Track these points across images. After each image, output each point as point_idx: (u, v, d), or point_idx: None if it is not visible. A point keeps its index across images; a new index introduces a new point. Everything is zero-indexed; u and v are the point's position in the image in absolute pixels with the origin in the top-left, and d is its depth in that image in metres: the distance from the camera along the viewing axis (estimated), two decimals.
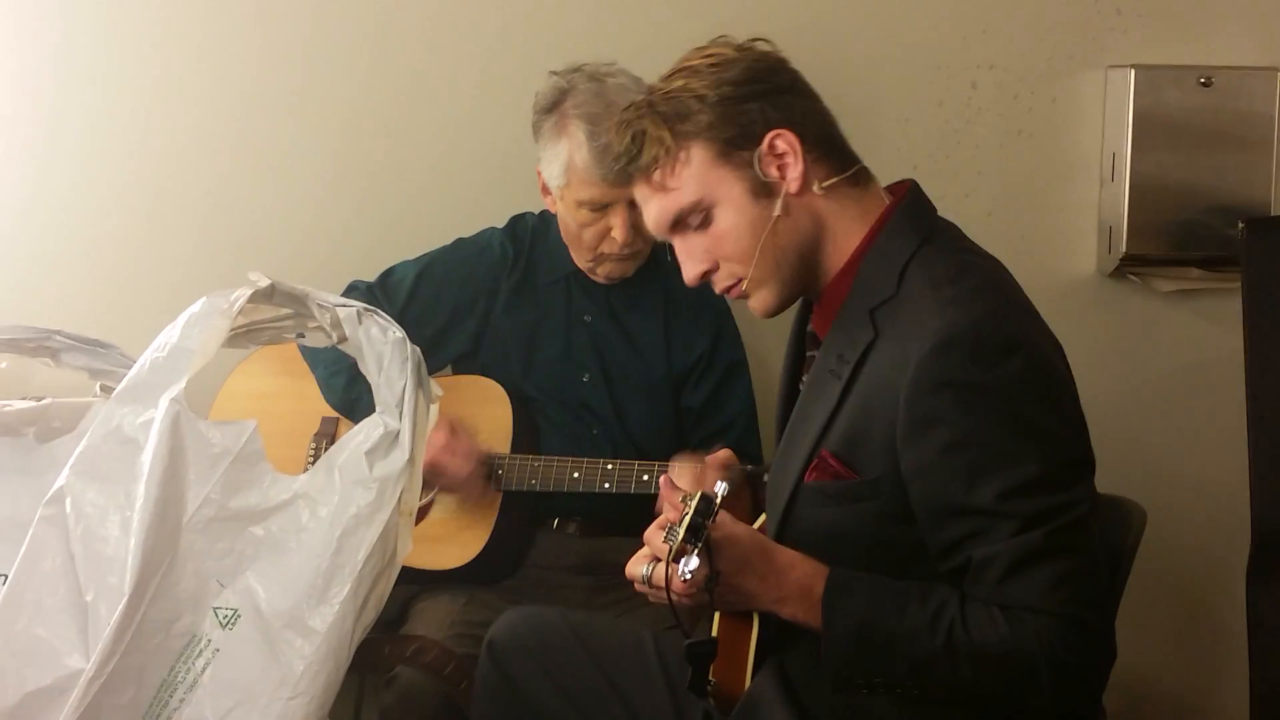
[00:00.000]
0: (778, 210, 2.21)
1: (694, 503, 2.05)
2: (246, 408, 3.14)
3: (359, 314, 2.60)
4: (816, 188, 2.22)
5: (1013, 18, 3.46)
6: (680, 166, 2.22)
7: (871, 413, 2.14)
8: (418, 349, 2.59)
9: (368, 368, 2.59)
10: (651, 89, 2.26)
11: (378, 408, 2.56)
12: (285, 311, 2.70)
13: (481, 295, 3.18)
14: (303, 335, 2.74)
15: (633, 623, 2.77)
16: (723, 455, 2.88)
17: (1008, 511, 2.05)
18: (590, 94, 3.01)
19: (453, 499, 3.10)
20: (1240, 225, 2.98)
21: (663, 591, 2.11)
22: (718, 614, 2.25)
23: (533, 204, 3.19)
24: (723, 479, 2.16)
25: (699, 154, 2.21)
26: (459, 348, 3.19)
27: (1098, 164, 3.47)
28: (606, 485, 3.00)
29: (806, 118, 2.23)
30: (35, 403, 2.77)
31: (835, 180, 2.23)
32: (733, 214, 2.22)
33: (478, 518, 3.09)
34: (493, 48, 3.42)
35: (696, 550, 2.03)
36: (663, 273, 3.15)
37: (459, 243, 3.25)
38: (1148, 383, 3.53)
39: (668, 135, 2.21)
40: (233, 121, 3.43)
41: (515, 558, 3.14)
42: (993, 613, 2.06)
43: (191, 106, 3.42)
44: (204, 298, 2.56)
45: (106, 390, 2.74)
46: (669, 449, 3.09)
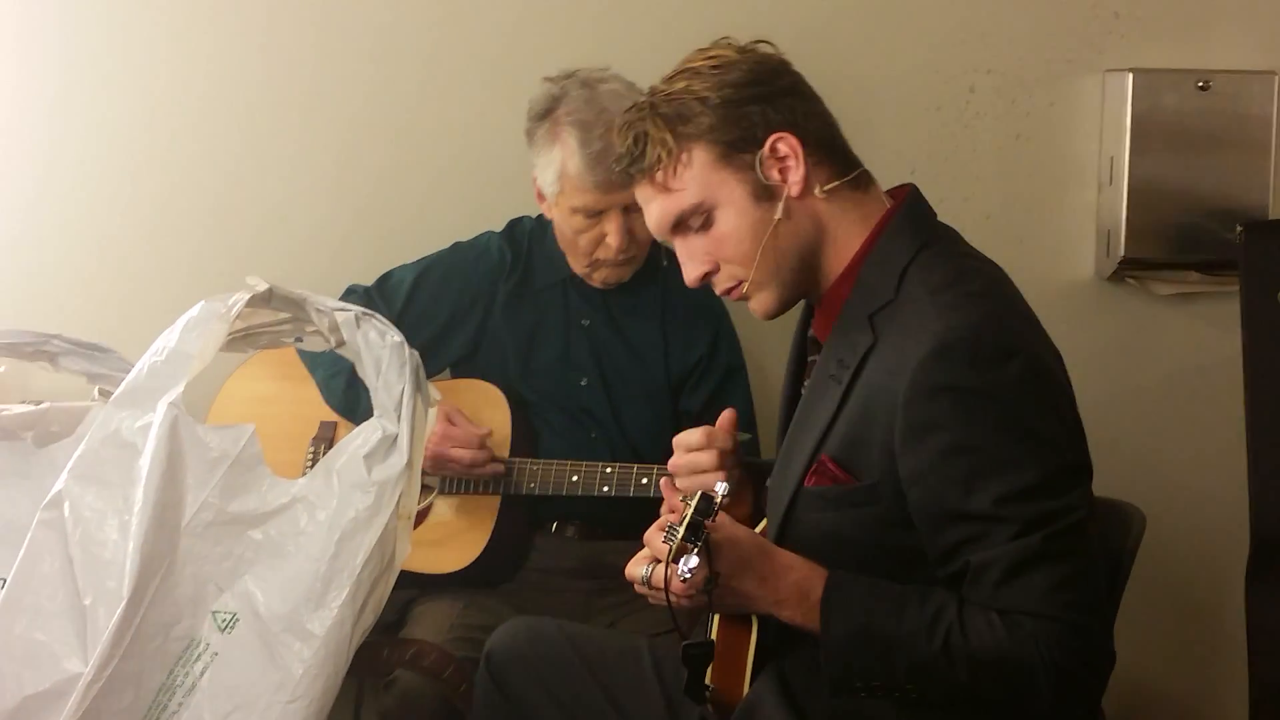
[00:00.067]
0: (779, 213, 2.21)
1: (694, 502, 2.05)
2: (244, 412, 3.14)
3: (357, 318, 2.60)
4: (818, 191, 2.22)
5: (1010, 22, 3.46)
6: (682, 168, 2.22)
7: (870, 417, 2.13)
8: (416, 353, 2.59)
9: (366, 372, 2.60)
10: (654, 90, 2.26)
11: (376, 411, 2.56)
12: (283, 315, 2.70)
13: (479, 299, 3.18)
14: (301, 339, 2.75)
15: (630, 632, 2.77)
16: (725, 416, 2.88)
17: (1005, 516, 2.05)
18: (582, 101, 3.02)
19: (452, 502, 3.10)
20: (1239, 229, 2.98)
21: (662, 593, 2.10)
22: (717, 618, 2.24)
23: (531, 207, 3.19)
24: (724, 479, 2.16)
25: (701, 156, 2.21)
26: (457, 351, 3.19)
27: (1096, 168, 3.47)
28: (605, 488, 3.01)
29: (808, 120, 2.23)
30: (34, 407, 2.78)
31: (836, 184, 2.23)
32: (734, 216, 2.22)
33: (477, 521, 3.09)
34: (491, 52, 3.42)
35: (696, 549, 2.03)
36: (661, 277, 3.15)
37: (457, 246, 3.25)
38: (1146, 386, 3.53)
39: (669, 137, 2.21)
40: (230, 126, 3.43)
41: (514, 561, 3.14)
42: (991, 617, 2.06)
43: (189, 111, 3.42)
44: (202, 302, 2.57)
45: (105, 394, 2.74)
46: (667, 452, 3.08)
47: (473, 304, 3.18)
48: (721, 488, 2.08)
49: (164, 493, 2.43)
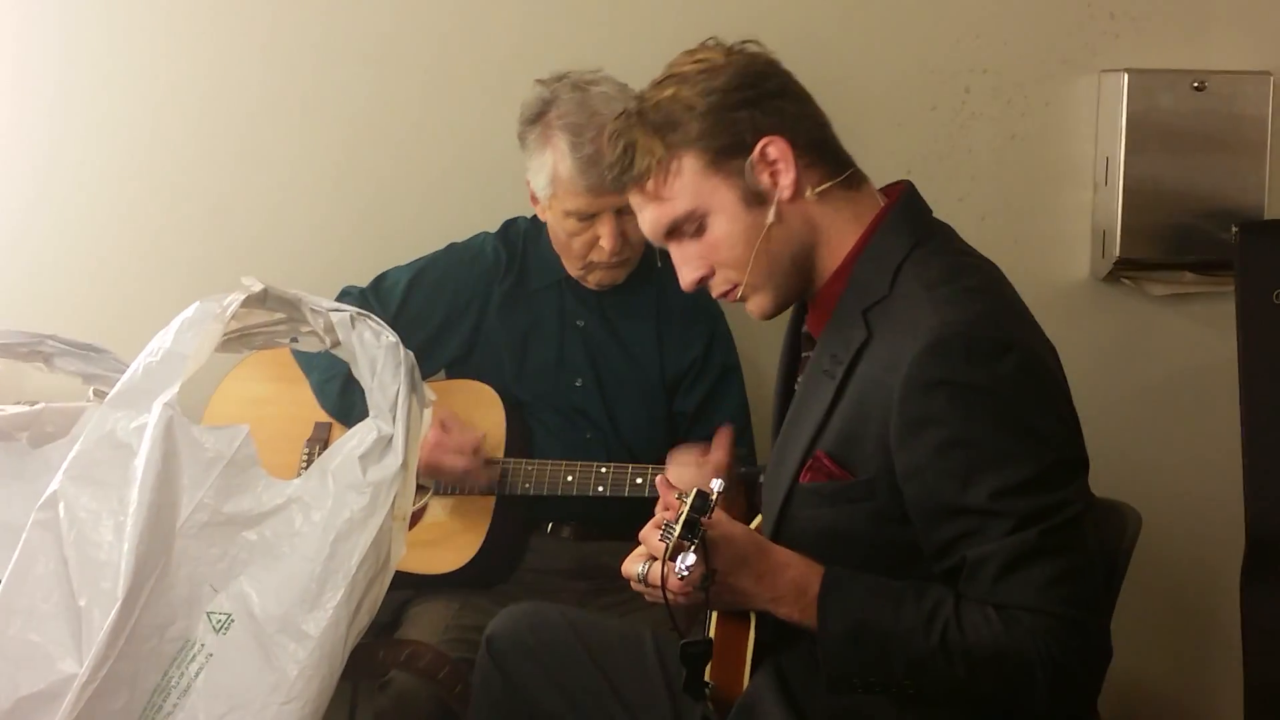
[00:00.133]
0: (770, 218, 2.21)
1: (690, 499, 2.04)
2: (240, 413, 3.13)
3: (352, 319, 2.60)
4: (809, 193, 2.22)
5: (1006, 22, 3.46)
6: (672, 177, 2.22)
7: (865, 413, 2.14)
8: (411, 354, 2.59)
9: (361, 372, 2.59)
10: (642, 97, 2.26)
11: (371, 412, 2.56)
12: (278, 316, 2.70)
13: (474, 300, 3.18)
14: (296, 340, 2.74)
15: (632, 621, 2.77)
16: (723, 434, 2.88)
17: (1002, 511, 2.05)
18: (574, 104, 3.01)
19: (447, 503, 3.10)
20: (1234, 229, 2.98)
21: (659, 590, 2.10)
22: (715, 615, 2.24)
23: (526, 208, 3.18)
24: (720, 476, 2.16)
25: (690, 164, 2.21)
26: (452, 352, 3.19)
27: (1091, 168, 3.47)
28: (600, 489, 3.00)
29: (798, 122, 2.23)
30: (28, 407, 2.77)
31: (828, 185, 2.23)
32: (726, 222, 2.22)
33: (472, 522, 3.08)
34: (487, 53, 3.42)
35: (693, 547, 2.03)
36: (655, 278, 3.15)
37: (452, 248, 3.24)
38: (1142, 386, 3.53)
39: (658, 145, 2.21)
40: (225, 128, 3.43)
41: (510, 562, 3.14)
42: (987, 612, 2.06)
43: (186, 113, 3.42)
44: (197, 302, 2.56)
45: (100, 395, 2.74)
46: (662, 453, 3.09)
47: (468, 305, 3.18)
48: (717, 485, 2.08)
49: (159, 493, 2.42)
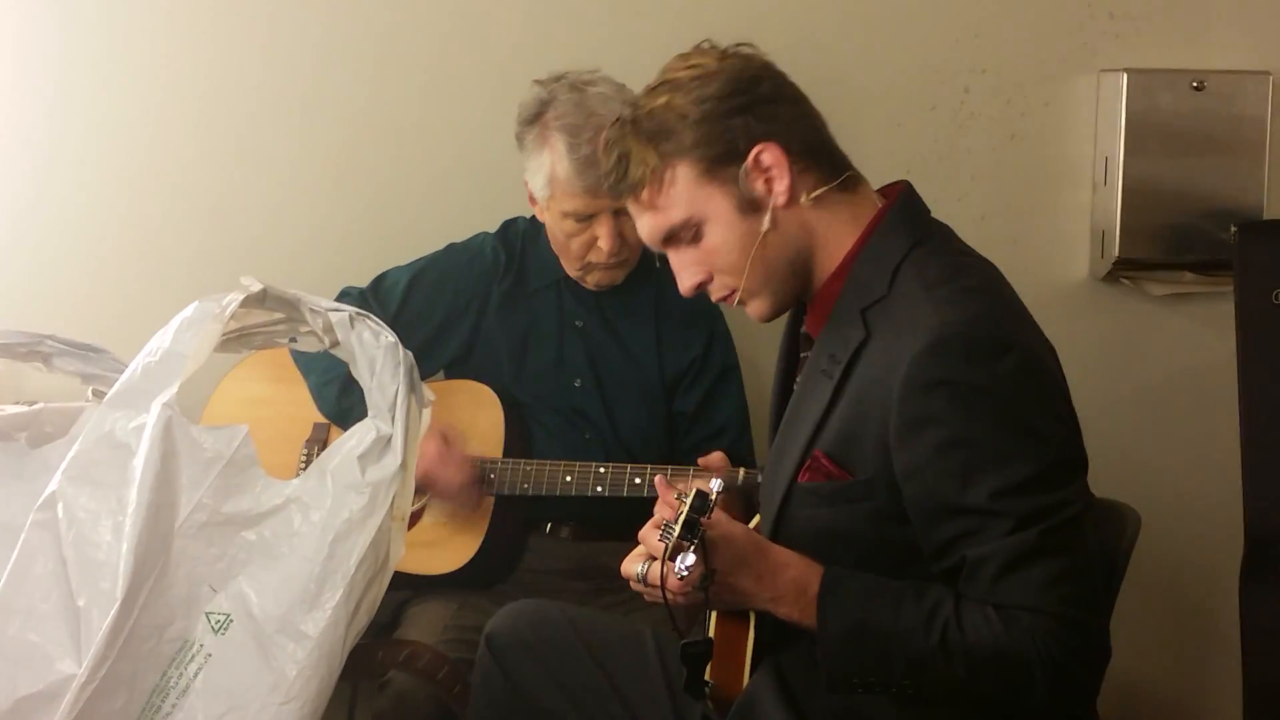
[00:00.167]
0: (766, 224, 2.21)
1: (690, 499, 2.04)
2: (238, 414, 3.13)
3: (351, 318, 2.60)
4: (805, 199, 2.21)
5: (1005, 22, 3.46)
6: (667, 186, 2.21)
7: (864, 412, 2.13)
8: (410, 354, 2.59)
9: (360, 372, 2.59)
10: (635, 104, 2.25)
11: (370, 412, 2.56)
12: (277, 316, 2.69)
13: (474, 301, 3.18)
14: (294, 340, 2.74)
15: (632, 620, 2.77)
16: (715, 458, 2.88)
17: (1001, 511, 2.05)
18: (571, 105, 3.01)
19: (446, 503, 3.09)
20: (1233, 229, 2.97)
21: (658, 590, 2.10)
22: (714, 614, 2.24)
23: (526, 208, 3.18)
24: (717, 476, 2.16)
25: (684, 173, 2.21)
26: (452, 353, 3.19)
27: (1090, 168, 3.47)
28: (599, 489, 3.00)
29: (792, 126, 2.22)
30: (27, 407, 2.77)
31: (823, 190, 2.22)
32: (721, 230, 2.22)
33: (471, 523, 3.08)
34: (487, 53, 3.41)
35: (692, 547, 2.03)
36: (654, 278, 3.15)
37: (451, 248, 3.24)
38: (1141, 386, 3.53)
39: (652, 155, 2.21)
40: (225, 127, 3.42)
41: (508, 562, 3.13)
42: (987, 612, 2.06)
43: (185, 113, 3.42)
44: (196, 302, 2.56)
45: (98, 395, 2.74)
46: (661, 453, 3.09)
47: (467, 306, 3.18)
48: (717, 485, 2.07)
49: (158, 494, 2.42)
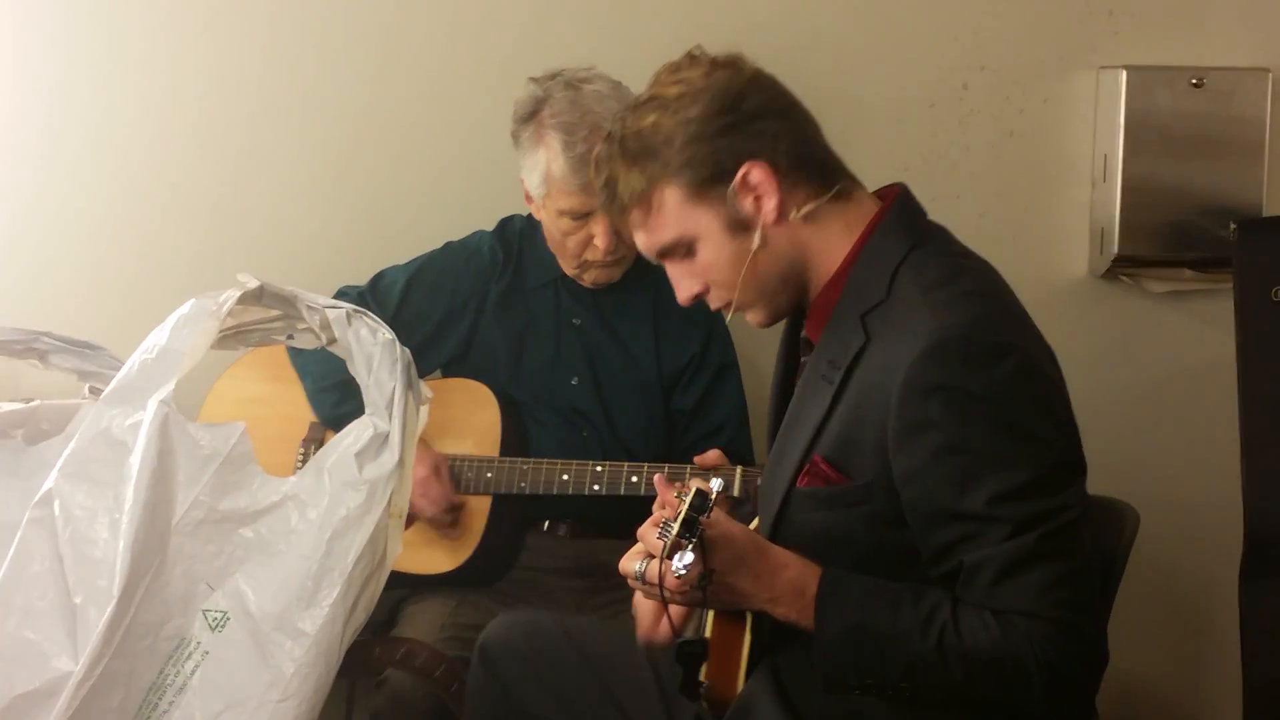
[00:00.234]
0: (756, 243, 2.19)
1: (689, 498, 2.03)
2: (235, 413, 3.10)
3: (348, 315, 2.59)
4: (795, 215, 2.20)
5: (1004, 19, 3.45)
6: (655, 208, 2.21)
7: (863, 417, 2.13)
8: (407, 350, 2.58)
9: (357, 369, 2.58)
10: (623, 121, 2.23)
11: (367, 409, 2.55)
12: (274, 313, 2.69)
13: (472, 299, 3.18)
14: (292, 337, 2.73)
15: (627, 626, 2.76)
16: (711, 456, 2.87)
17: (999, 516, 2.04)
18: (566, 103, 3.00)
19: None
20: (1232, 226, 2.97)
21: (656, 588, 2.09)
22: (711, 615, 2.24)
23: (524, 207, 3.18)
24: (717, 476, 2.15)
25: (672, 195, 2.20)
26: (449, 351, 3.18)
27: (1089, 165, 3.46)
28: (596, 487, 3.00)
29: (779, 142, 2.20)
30: (23, 404, 2.76)
31: (814, 205, 2.21)
32: (712, 249, 2.21)
33: (468, 522, 3.08)
34: (485, 52, 3.42)
35: (691, 545, 2.02)
36: (652, 276, 3.14)
37: (448, 246, 3.24)
38: (1140, 384, 3.53)
39: (639, 178, 2.20)
40: (223, 126, 3.43)
41: (506, 561, 3.13)
42: (985, 616, 2.06)
43: (184, 112, 3.42)
44: (192, 299, 2.56)
45: (95, 392, 2.73)
46: (659, 451, 3.08)
47: (465, 304, 3.17)
48: (716, 484, 2.07)
49: (154, 491, 2.41)
